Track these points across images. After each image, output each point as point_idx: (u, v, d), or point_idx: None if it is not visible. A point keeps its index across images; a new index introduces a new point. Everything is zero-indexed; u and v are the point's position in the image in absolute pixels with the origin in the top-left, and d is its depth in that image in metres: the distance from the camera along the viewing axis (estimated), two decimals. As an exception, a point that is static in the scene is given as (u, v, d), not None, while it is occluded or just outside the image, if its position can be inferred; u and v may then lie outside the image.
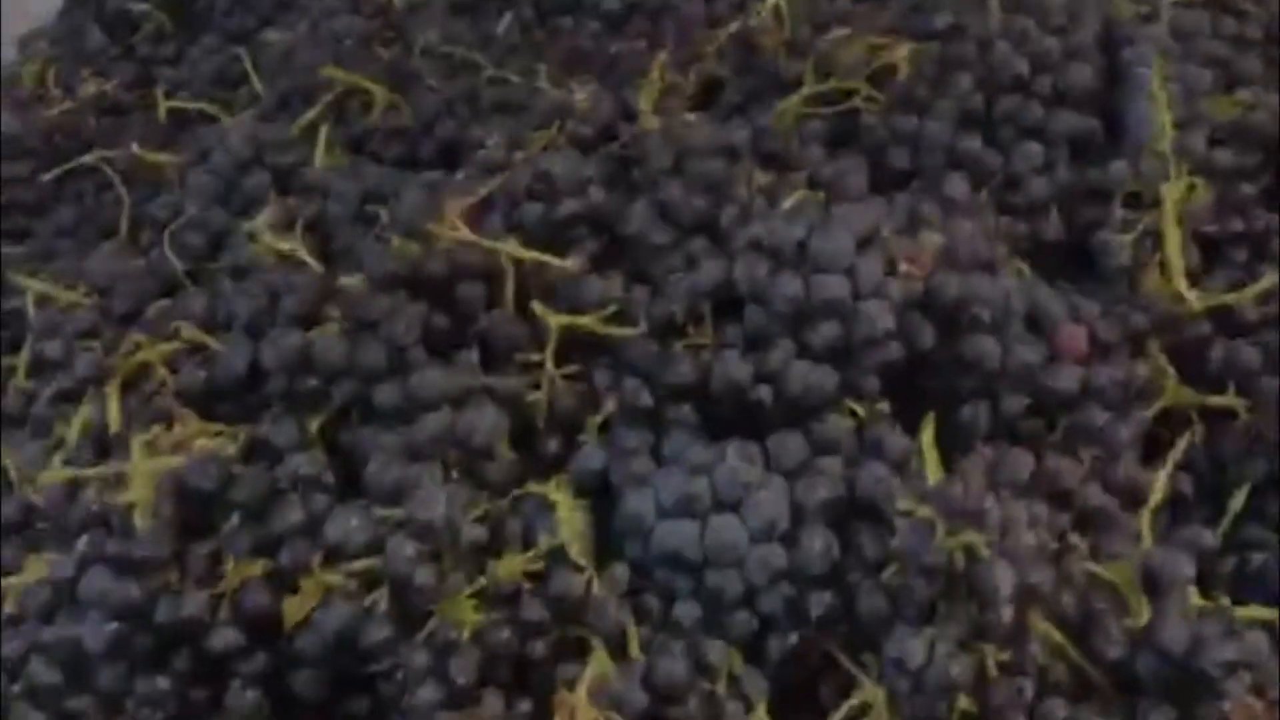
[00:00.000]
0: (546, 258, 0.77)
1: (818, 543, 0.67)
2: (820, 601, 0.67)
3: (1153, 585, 0.66)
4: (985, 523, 0.61)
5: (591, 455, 0.73)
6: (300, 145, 0.98)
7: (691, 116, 0.93)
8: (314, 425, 0.73)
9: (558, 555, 0.67)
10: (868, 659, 0.67)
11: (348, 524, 0.67)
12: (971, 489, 0.63)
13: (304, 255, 0.80)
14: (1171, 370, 0.78)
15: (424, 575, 0.65)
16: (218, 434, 0.74)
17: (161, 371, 0.81)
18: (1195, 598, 0.67)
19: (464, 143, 0.97)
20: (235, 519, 0.70)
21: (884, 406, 0.74)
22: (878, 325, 0.71)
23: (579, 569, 0.67)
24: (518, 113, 0.96)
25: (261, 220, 0.83)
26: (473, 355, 0.76)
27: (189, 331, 0.82)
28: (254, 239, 0.82)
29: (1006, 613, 0.62)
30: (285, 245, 0.81)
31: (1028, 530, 0.63)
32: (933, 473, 0.67)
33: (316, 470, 0.71)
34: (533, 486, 0.71)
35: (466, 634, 0.65)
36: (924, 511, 0.63)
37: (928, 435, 0.69)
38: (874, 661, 0.66)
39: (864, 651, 0.67)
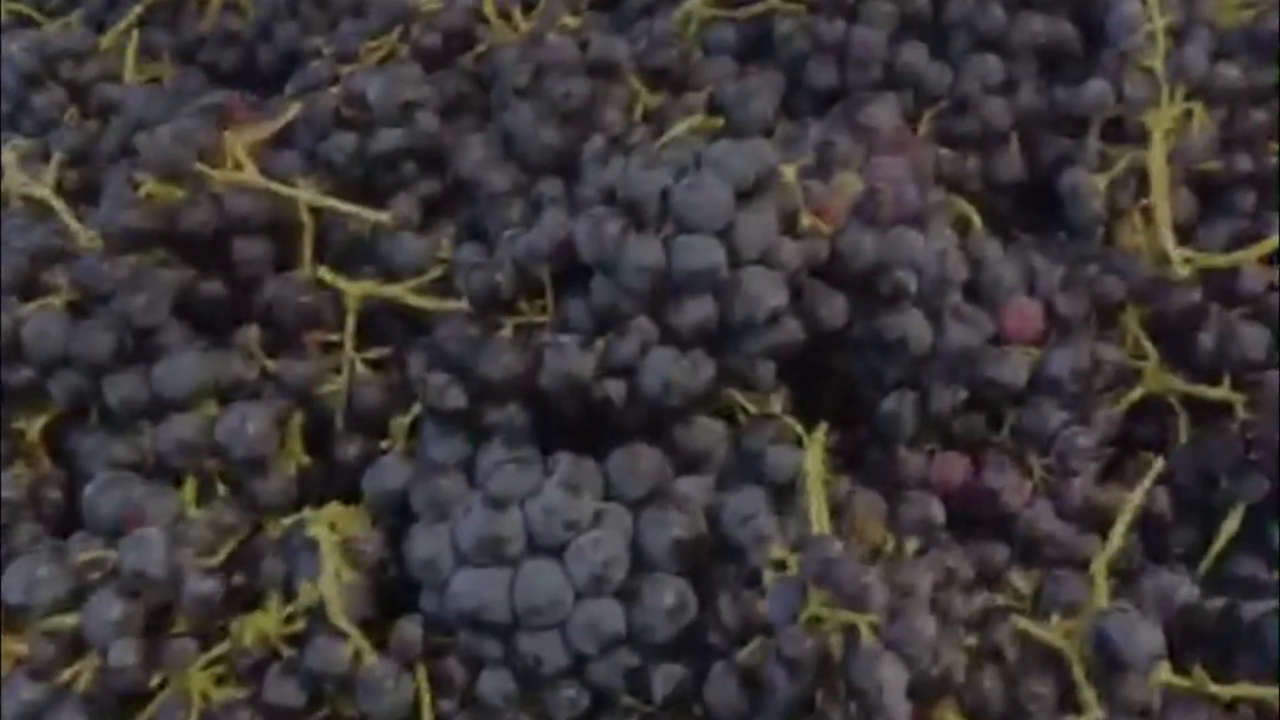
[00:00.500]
0: (353, 208, 0.60)
1: (666, 598, 0.52)
2: (668, 676, 0.52)
3: (1108, 660, 0.50)
4: (869, 602, 0.44)
5: (389, 470, 0.57)
6: (114, 54, 0.84)
7: (574, 20, 0.76)
8: (34, 430, 0.57)
9: (320, 613, 0.51)
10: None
11: (32, 574, 0.51)
12: (862, 543, 0.47)
13: (51, 199, 0.63)
14: (1152, 351, 0.65)
15: (124, 651, 0.48)
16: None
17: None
18: (1165, 672, 0.51)
19: (304, 52, 0.81)
20: (-93, 561, 0.54)
21: (778, 401, 0.58)
22: (762, 303, 0.55)
23: (342, 634, 0.51)
24: (369, 13, 0.79)
25: (11, 151, 0.66)
26: (252, 333, 0.60)
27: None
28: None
29: (900, 714, 0.45)
30: (33, 187, 0.64)
31: (929, 604, 0.46)
32: (818, 511, 0.50)
33: (17, 493, 0.54)
34: (308, 512, 0.55)
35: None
36: (797, 569, 0.47)
37: (816, 451, 0.53)
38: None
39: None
